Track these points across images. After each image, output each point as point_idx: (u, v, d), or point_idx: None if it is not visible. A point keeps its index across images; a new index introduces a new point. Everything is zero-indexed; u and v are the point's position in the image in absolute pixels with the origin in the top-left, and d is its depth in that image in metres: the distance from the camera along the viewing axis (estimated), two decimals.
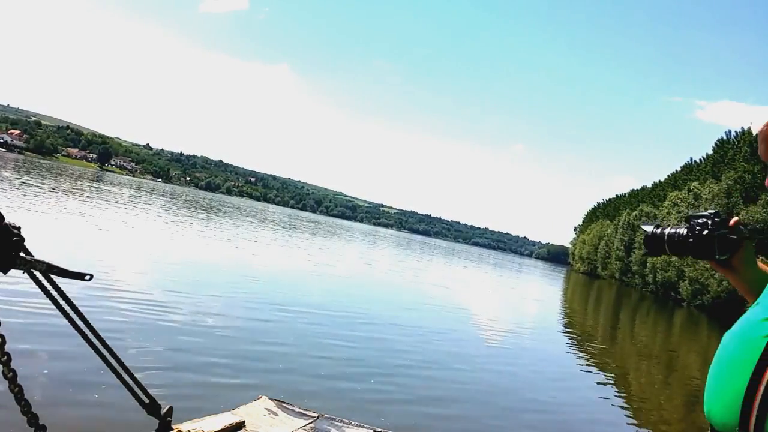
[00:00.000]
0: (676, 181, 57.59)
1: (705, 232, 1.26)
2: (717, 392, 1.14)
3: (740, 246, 1.28)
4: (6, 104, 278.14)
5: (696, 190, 43.82)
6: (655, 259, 43.97)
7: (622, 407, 7.65)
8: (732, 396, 1.09)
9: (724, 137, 48.07)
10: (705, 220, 1.28)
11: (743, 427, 1.07)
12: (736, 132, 46.69)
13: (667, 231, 1.32)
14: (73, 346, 3.58)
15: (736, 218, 1.29)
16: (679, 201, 45.55)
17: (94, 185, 46.00)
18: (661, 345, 16.22)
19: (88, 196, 29.98)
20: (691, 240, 1.27)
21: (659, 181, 68.28)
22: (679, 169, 61.26)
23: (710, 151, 50.91)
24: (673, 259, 42.33)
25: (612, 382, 9.13)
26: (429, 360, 8.26)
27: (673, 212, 44.84)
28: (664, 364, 12.28)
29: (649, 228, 1.35)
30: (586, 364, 10.34)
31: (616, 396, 8.23)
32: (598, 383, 8.82)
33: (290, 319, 8.85)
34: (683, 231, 1.29)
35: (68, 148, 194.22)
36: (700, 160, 54.91)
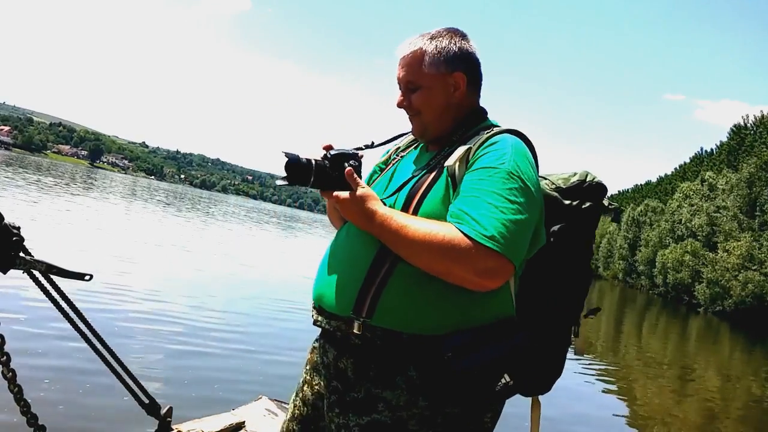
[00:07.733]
0: (685, 172, 53.66)
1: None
2: (333, 280, 1.32)
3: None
4: (2, 102, 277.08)
5: (710, 180, 39.40)
6: (666, 258, 39.51)
7: (629, 426, 7.16)
8: (349, 285, 1.28)
9: (742, 122, 43.55)
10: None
11: (357, 312, 1.25)
12: (755, 116, 42.21)
13: (314, 160, 1.32)
14: (73, 347, 3.44)
15: (349, 168, 1.31)
16: (691, 193, 41.17)
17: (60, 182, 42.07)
18: (675, 357, 14.48)
19: (76, 194, 29.10)
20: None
21: (665, 174, 63.87)
22: (688, 160, 57.03)
23: (724, 139, 46.54)
24: (687, 258, 38.20)
25: (616, 398, 8.55)
26: None
27: (685, 205, 40.35)
28: (678, 380, 11.14)
29: (293, 154, 1.31)
30: (587, 377, 9.41)
31: (621, 415, 7.58)
32: (601, 399, 8.26)
33: (291, 319, 8.67)
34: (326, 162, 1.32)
35: (59, 145, 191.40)
36: (712, 149, 50.52)
